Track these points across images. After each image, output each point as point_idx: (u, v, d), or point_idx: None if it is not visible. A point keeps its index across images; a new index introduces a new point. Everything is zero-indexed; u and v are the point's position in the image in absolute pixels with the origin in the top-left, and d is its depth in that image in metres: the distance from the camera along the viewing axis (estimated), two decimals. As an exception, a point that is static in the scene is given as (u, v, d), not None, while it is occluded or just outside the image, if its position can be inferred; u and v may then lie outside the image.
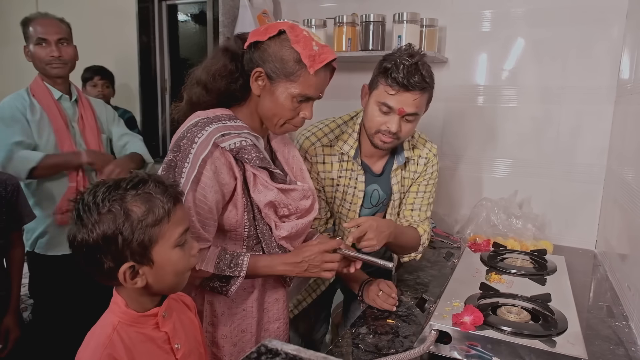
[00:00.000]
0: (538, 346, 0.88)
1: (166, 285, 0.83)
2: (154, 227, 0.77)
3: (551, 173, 1.88)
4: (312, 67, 0.99)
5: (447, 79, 2.00)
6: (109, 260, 0.76)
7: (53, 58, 1.67)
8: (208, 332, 1.09)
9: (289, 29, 1.01)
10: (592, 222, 1.83)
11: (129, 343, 0.79)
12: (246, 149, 1.01)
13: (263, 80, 1.02)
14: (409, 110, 1.24)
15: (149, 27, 2.85)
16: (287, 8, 2.28)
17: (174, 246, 0.80)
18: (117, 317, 0.80)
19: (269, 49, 1.01)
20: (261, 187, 1.04)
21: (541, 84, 1.85)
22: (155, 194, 0.78)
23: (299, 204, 1.11)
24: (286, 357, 0.53)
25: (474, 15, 1.92)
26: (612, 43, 1.72)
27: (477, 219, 1.77)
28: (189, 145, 0.97)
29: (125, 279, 0.77)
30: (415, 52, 1.25)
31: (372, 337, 1.10)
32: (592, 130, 1.79)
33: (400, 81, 1.21)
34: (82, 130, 1.74)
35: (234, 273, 1.04)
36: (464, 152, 2.03)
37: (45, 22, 1.69)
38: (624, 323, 1.19)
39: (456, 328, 0.93)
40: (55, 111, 1.68)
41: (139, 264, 0.78)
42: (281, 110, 1.04)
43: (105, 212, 0.75)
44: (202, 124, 1.00)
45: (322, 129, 1.39)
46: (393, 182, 1.43)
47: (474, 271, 1.27)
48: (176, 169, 0.97)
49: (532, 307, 1.03)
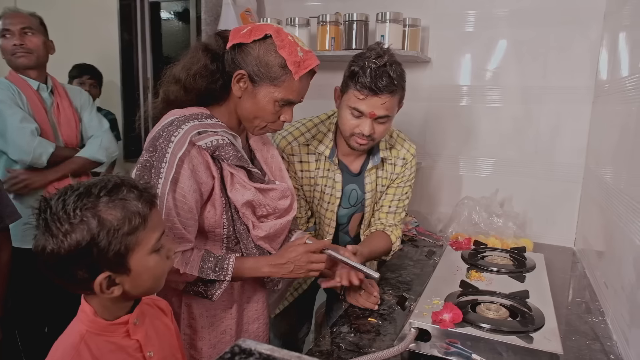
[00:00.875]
0: (515, 342, 0.89)
1: (143, 290, 0.81)
2: (131, 235, 0.73)
3: (532, 172, 1.91)
4: (297, 74, 1.00)
5: (430, 79, 2.02)
6: (82, 272, 0.72)
7: (15, 47, 1.65)
8: (186, 334, 1.08)
9: (275, 34, 1.00)
10: (571, 220, 1.86)
11: (97, 353, 0.75)
12: (223, 148, 0.99)
13: (245, 83, 1.01)
14: (380, 113, 1.25)
15: (131, 25, 2.82)
16: (270, 7, 2.27)
17: (151, 252, 0.77)
18: (85, 326, 0.77)
19: (254, 52, 1.00)
20: (239, 186, 1.02)
21: (522, 84, 1.88)
22: (131, 200, 0.74)
23: (277, 204, 1.10)
24: (260, 357, 0.52)
25: (456, 16, 1.94)
26: (591, 44, 1.75)
27: (459, 217, 1.78)
28: (165, 145, 0.95)
29: (102, 289, 0.74)
30: (384, 52, 1.24)
31: (353, 336, 1.10)
32: (571, 130, 1.82)
33: (368, 86, 1.20)
34: (57, 120, 1.72)
35: (219, 277, 1.02)
36: (447, 151, 2.04)
37: (10, 15, 1.68)
38: (600, 319, 1.21)
39: (435, 326, 0.94)
40: (36, 101, 1.67)
41: (115, 274, 0.74)
42: (262, 114, 1.04)
43: (78, 222, 0.70)
44: (178, 123, 0.98)
45: (298, 128, 1.39)
46: (366, 182, 1.44)
47: (454, 269, 1.28)
48: (152, 169, 0.95)
49: (510, 304, 1.04)
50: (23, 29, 1.66)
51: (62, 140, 1.74)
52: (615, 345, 1.08)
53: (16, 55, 1.66)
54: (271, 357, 0.52)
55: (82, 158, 1.76)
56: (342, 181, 1.40)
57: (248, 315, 1.17)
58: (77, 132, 1.78)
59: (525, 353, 0.88)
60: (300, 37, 1.97)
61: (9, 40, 1.65)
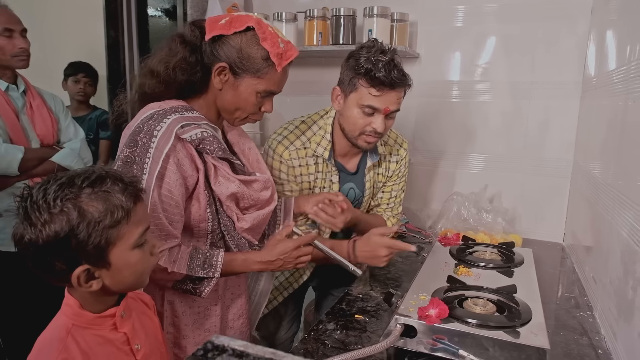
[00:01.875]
0: (502, 337, 0.87)
1: (125, 286, 0.79)
2: (112, 229, 0.72)
3: (521, 167, 1.90)
4: (279, 65, 1.00)
5: (419, 74, 2.00)
6: (60, 263, 0.71)
7: (22, 50, 1.62)
8: (169, 333, 1.05)
9: (256, 26, 0.99)
10: (561, 216, 1.86)
11: (85, 347, 0.74)
12: (208, 140, 0.98)
13: (226, 75, 1.00)
14: (393, 108, 1.24)
15: (117, 21, 2.77)
16: (257, 1, 2.25)
17: (133, 247, 0.76)
18: (71, 319, 0.75)
19: (235, 44, 0.99)
20: (222, 179, 1.01)
21: (511, 79, 1.87)
22: (114, 193, 0.73)
23: (259, 195, 1.09)
24: (233, 353, 0.51)
25: (445, 11, 1.92)
26: (578, 39, 1.75)
27: (448, 213, 1.77)
28: (147, 139, 0.92)
29: (80, 282, 0.72)
30: (387, 49, 1.23)
31: (340, 333, 1.08)
32: (560, 124, 1.82)
33: (384, 81, 1.18)
34: (31, 120, 1.67)
35: (207, 274, 1.00)
36: (436, 147, 2.03)
37: (7, 12, 1.62)
38: (588, 313, 1.20)
39: (421, 321, 0.92)
40: (3, 103, 1.61)
41: (94, 267, 0.73)
42: (244, 105, 1.03)
43: (58, 212, 0.69)
44: (159, 116, 0.95)
45: (293, 132, 1.36)
46: (366, 180, 1.43)
47: (442, 265, 1.27)
48: (134, 165, 0.92)
49: (497, 299, 1.02)
50: (22, 31, 1.64)
51: (38, 139, 1.70)
52: (603, 340, 1.07)
53: (19, 57, 1.63)
54: (244, 353, 0.50)
55: (54, 163, 1.71)
56: (339, 182, 1.39)
57: (232, 311, 1.15)
58: (54, 131, 1.74)
59: (512, 348, 0.86)
60: (287, 32, 1.95)
61: (12, 40, 1.61)
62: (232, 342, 0.51)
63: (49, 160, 1.70)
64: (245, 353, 0.50)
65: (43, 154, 1.68)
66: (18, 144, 1.62)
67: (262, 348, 0.50)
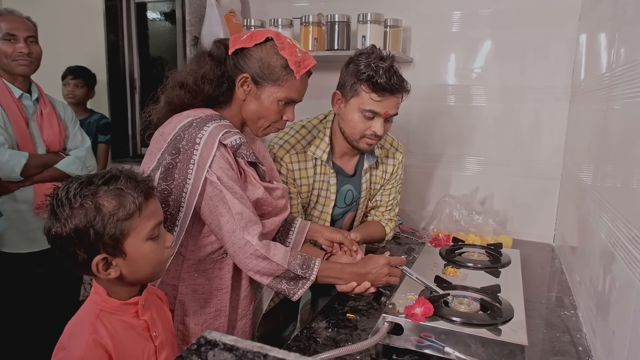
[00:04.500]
0: (484, 334, 0.91)
1: (142, 276, 0.87)
2: (126, 221, 0.80)
3: (512, 170, 1.94)
4: (298, 73, 1.07)
5: (413, 79, 2.02)
6: (82, 252, 0.79)
7: (21, 54, 1.65)
8: (179, 330, 1.11)
9: (275, 37, 1.07)
10: (551, 217, 1.90)
11: (112, 330, 0.82)
12: (245, 146, 1.05)
13: (249, 86, 1.07)
14: (393, 112, 1.29)
15: (117, 26, 2.81)
16: (255, 7, 2.29)
17: (147, 239, 0.83)
18: (99, 305, 0.84)
19: (256, 55, 1.06)
20: (249, 185, 1.08)
21: (503, 84, 1.91)
22: (127, 189, 0.81)
23: (277, 202, 1.16)
24: (224, 347, 0.55)
25: (438, 17, 1.97)
26: (568, 44, 1.79)
27: (440, 215, 1.81)
28: (190, 146, 0.99)
29: (99, 270, 0.81)
30: (386, 55, 1.28)
31: (331, 331, 1.12)
32: (550, 128, 1.86)
33: (386, 86, 1.23)
34: (40, 127, 1.72)
35: (305, 274, 1.07)
36: (430, 150, 2.07)
37: (14, 19, 1.67)
38: (572, 312, 1.25)
39: (408, 319, 0.96)
40: (15, 110, 1.65)
41: (111, 256, 0.81)
42: (267, 114, 1.10)
43: (78, 207, 0.78)
44: (198, 124, 1.02)
45: (294, 136, 1.40)
46: (362, 181, 1.47)
47: (431, 265, 1.31)
48: (176, 170, 0.99)
49: (481, 298, 1.07)
50: (29, 37, 1.67)
51: (45, 145, 1.74)
52: (584, 337, 1.11)
53: (19, 62, 1.65)
54: (235, 347, 0.54)
55: (58, 170, 1.75)
56: (337, 183, 1.43)
57: (237, 312, 1.21)
58: (62, 138, 1.78)
59: (494, 345, 0.90)
60: (283, 38, 2.00)
61: (13, 44, 1.64)
62: (223, 337, 0.55)
63: (54, 167, 1.73)
64: (235, 347, 0.54)
65: (47, 160, 1.72)
66: (24, 150, 1.66)
67: (251, 342, 0.54)
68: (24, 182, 1.67)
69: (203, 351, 0.56)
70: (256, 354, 0.53)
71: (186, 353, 0.57)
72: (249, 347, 0.54)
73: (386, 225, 1.57)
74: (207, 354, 0.56)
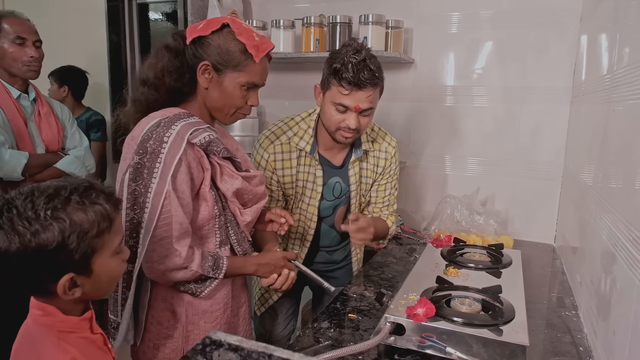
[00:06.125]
0: (485, 335, 0.92)
1: (101, 292, 0.82)
2: (98, 238, 0.75)
3: (513, 171, 1.95)
4: (257, 56, 1.06)
5: (414, 80, 2.05)
6: (46, 273, 0.72)
7: (32, 59, 1.67)
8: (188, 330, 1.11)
9: (231, 23, 1.06)
10: (552, 218, 1.90)
11: (77, 349, 0.77)
12: (215, 142, 1.05)
13: (210, 73, 1.06)
14: (364, 107, 1.29)
15: (119, 26, 2.82)
16: (257, 8, 2.30)
17: (113, 254, 0.79)
18: (55, 326, 0.77)
19: (214, 43, 1.05)
20: (227, 177, 1.08)
21: (504, 85, 1.92)
22: (100, 203, 0.76)
23: (257, 189, 1.17)
24: (229, 347, 0.55)
25: (439, 18, 1.97)
26: (569, 46, 1.79)
27: (442, 215, 1.82)
28: (157, 146, 0.98)
29: (65, 291, 0.74)
30: (361, 48, 1.28)
31: (333, 331, 1.13)
32: (551, 129, 1.87)
33: (352, 80, 1.24)
34: (38, 127, 1.73)
35: (215, 274, 1.08)
36: (431, 150, 2.08)
37: (21, 22, 1.69)
38: (573, 312, 1.25)
39: (409, 320, 0.97)
40: (14, 110, 1.66)
41: (78, 275, 0.75)
42: (231, 100, 1.09)
43: (48, 223, 0.70)
44: (166, 124, 1.01)
45: (280, 127, 1.44)
46: (350, 174, 1.48)
47: (433, 266, 1.32)
48: (145, 169, 0.98)
49: (482, 299, 1.07)
50: (36, 41, 1.69)
51: (44, 145, 1.75)
52: (585, 338, 1.12)
53: (30, 67, 1.67)
54: (239, 347, 0.55)
55: (58, 170, 1.76)
56: (324, 176, 1.44)
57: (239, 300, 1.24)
58: (60, 138, 1.80)
59: (495, 345, 0.91)
60: (285, 38, 2.01)
61: (24, 49, 1.65)
62: (228, 337, 0.56)
63: (54, 167, 1.75)
64: (240, 347, 0.54)
65: (47, 159, 1.74)
66: (24, 150, 1.67)
67: (256, 342, 0.55)
68: (24, 183, 1.67)
69: (208, 351, 0.57)
70: (261, 354, 0.54)
71: (191, 353, 0.57)
72: (253, 347, 0.55)
73: (387, 219, 1.59)
74: (212, 354, 0.56)
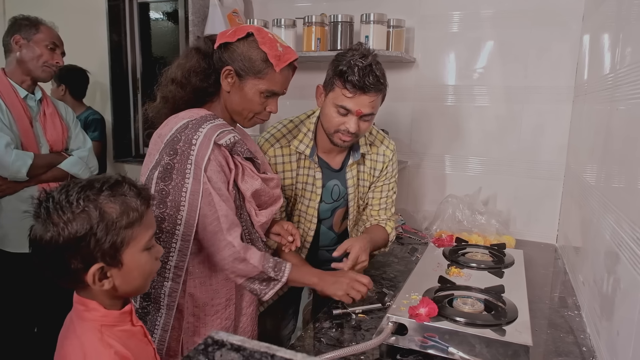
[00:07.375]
0: (488, 335, 0.92)
1: (133, 288, 0.84)
2: (127, 230, 0.77)
3: (515, 170, 1.94)
4: (277, 66, 1.10)
5: (415, 79, 2.05)
6: (77, 261, 0.75)
7: (57, 64, 1.74)
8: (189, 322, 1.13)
9: (256, 32, 1.11)
10: (554, 218, 1.90)
11: (120, 342, 0.80)
12: (239, 143, 1.10)
13: (232, 78, 1.12)
14: (366, 111, 1.28)
15: (120, 26, 2.82)
16: (258, 7, 2.29)
17: (143, 249, 0.81)
18: (98, 321, 0.80)
19: (238, 50, 1.11)
20: (247, 177, 1.12)
21: (506, 84, 1.91)
22: (130, 197, 0.79)
23: (273, 192, 1.20)
24: (231, 347, 0.55)
25: (441, 17, 1.97)
26: (571, 45, 1.79)
27: (443, 215, 1.81)
28: (187, 148, 1.04)
29: (94, 280, 0.77)
30: (368, 52, 1.28)
31: (335, 331, 1.12)
32: (553, 128, 1.86)
33: (357, 84, 1.23)
34: (43, 127, 1.73)
35: (277, 276, 1.12)
36: (433, 150, 2.07)
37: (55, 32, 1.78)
38: (576, 312, 1.25)
39: (412, 320, 0.97)
40: (20, 110, 1.67)
41: (108, 266, 0.77)
42: (250, 105, 1.14)
43: (80, 212, 0.74)
44: (193, 126, 1.06)
45: (280, 130, 1.43)
46: (347, 177, 1.47)
47: (435, 265, 1.31)
48: (174, 171, 1.03)
49: (485, 299, 1.07)
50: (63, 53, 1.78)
51: (48, 145, 1.75)
52: (588, 338, 1.11)
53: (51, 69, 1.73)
54: (242, 347, 0.54)
55: (62, 170, 1.76)
56: (323, 178, 1.44)
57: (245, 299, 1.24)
58: (64, 138, 1.81)
59: (498, 345, 0.91)
60: (286, 38, 2.00)
61: (53, 55, 1.72)
62: (230, 337, 0.55)
63: (57, 167, 1.75)
64: (242, 347, 0.54)
65: (52, 160, 1.74)
66: (29, 149, 1.68)
67: (258, 342, 0.54)
68: (29, 183, 1.68)
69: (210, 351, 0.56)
70: (263, 354, 0.53)
71: (193, 353, 0.57)
72: (256, 347, 0.54)
73: (385, 225, 1.55)
74: (214, 354, 0.56)
